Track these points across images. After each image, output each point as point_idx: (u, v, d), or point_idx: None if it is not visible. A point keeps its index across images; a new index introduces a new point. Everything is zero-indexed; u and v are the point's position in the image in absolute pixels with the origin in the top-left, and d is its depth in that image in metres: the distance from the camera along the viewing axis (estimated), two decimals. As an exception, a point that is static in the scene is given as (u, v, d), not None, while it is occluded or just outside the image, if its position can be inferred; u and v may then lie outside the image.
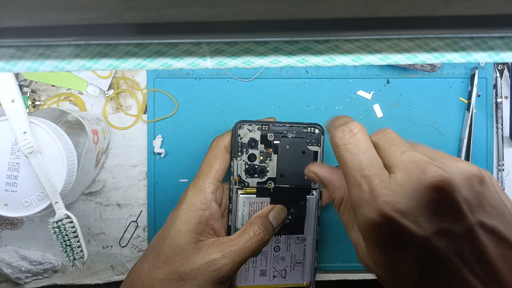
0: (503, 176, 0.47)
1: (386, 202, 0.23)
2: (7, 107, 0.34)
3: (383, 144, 0.26)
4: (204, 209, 0.36)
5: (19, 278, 0.45)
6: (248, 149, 0.39)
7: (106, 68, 0.22)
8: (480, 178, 0.23)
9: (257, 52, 0.22)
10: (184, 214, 0.35)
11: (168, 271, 0.33)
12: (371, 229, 0.24)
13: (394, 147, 0.26)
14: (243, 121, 0.39)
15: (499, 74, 0.46)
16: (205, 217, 0.36)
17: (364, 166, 0.25)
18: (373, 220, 0.23)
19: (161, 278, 0.33)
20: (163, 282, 0.33)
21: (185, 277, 0.33)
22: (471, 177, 0.23)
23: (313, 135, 0.39)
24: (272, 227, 0.37)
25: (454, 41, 0.22)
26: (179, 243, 0.34)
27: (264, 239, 0.36)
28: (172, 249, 0.34)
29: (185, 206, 0.36)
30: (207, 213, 0.36)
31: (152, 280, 0.34)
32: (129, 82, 0.46)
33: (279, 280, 0.42)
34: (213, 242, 0.35)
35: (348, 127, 0.27)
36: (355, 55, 0.22)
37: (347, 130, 0.27)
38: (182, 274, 0.33)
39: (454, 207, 0.22)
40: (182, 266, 0.33)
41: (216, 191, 0.37)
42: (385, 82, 0.46)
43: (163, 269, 0.34)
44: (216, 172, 0.38)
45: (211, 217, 0.36)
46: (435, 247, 0.22)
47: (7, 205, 0.36)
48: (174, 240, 0.34)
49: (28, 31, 0.19)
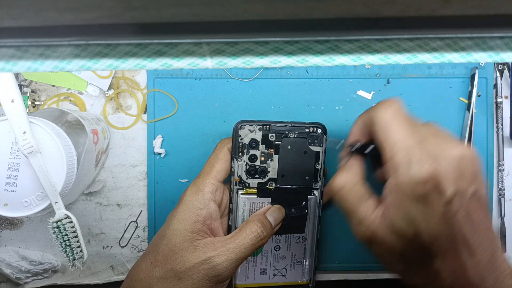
0: (503, 176, 0.47)
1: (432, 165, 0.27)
2: (7, 107, 0.34)
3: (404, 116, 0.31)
4: (202, 208, 0.36)
5: (19, 278, 0.45)
6: (249, 150, 0.38)
7: (106, 68, 0.22)
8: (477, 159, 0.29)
9: (257, 52, 0.22)
10: (182, 213, 0.36)
11: (165, 269, 0.34)
12: (417, 185, 0.28)
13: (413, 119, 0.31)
14: (244, 121, 0.38)
15: (499, 74, 0.46)
16: (202, 216, 0.36)
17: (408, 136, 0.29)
18: (421, 177, 0.27)
19: (158, 276, 0.34)
20: (160, 281, 0.34)
21: (181, 275, 0.33)
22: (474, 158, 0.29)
23: (315, 135, 0.39)
24: (270, 225, 0.37)
25: (454, 41, 0.22)
26: (175, 241, 0.34)
27: (262, 236, 0.36)
28: (169, 248, 0.34)
29: (183, 205, 0.36)
30: (204, 212, 0.36)
31: (149, 279, 0.34)
32: (129, 82, 0.46)
33: (279, 278, 0.42)
34: (209, 241, 0.35)
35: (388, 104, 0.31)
36: (355, 55, 0.22)
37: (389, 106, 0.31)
38: (178, 273, 0.33)
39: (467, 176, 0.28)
40: (178, 265, 0.33)
41: (216, 191, 0.37)
42: (385, 82, 0.46)
43: (160, 267, 0.34)
44: (217, 172, 0.38)
45: (209, 216, 0.36)
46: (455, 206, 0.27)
47: (7, 205, 0.36)
48: (171, 239, 0.35)
49: (28, 31, 0.19)
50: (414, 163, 0.28)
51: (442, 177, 0.27)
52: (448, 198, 0.27)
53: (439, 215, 0.28)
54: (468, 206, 0.28)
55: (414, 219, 0.28)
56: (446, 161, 0.28)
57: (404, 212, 0.29)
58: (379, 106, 0.32)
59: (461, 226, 0.28)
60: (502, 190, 0.47)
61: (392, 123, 0.30)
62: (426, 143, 0.29)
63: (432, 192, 0.27)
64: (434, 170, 0.27)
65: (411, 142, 0.29)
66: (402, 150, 0.29)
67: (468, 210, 0.28)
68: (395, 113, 0.31)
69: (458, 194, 0.28)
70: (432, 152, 0.28)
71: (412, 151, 0.28)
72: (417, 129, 0.30)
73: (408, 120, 0.31)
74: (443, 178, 0.27)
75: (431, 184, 0.27)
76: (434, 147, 0.28)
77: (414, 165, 0.28)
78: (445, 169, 0.27)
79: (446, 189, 0.27)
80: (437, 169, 0.27)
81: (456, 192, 0.27)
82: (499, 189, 0.47)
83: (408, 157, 0.28)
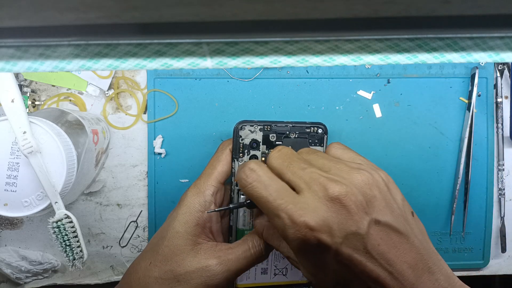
0: (503, 176, 0.47)
1: (304, 222, 0.27)
2: (7, 107, 0.34)
3: (281, 167, 0.31)
4: (202, 211, 0.36)
5: (19, 278, 0.45)
6: (250, 150, 0.38)
7: (106, 68, 0.22)
8: (371, 184, 0.28)
9: (257, 52, 0.22)
10: (183, 216, 0.35)
11: (164, 270, 0.34)
12: (300, 246, 0.28)
13: (292, 166, 0.30)
14: (245, 122, 0.38)
15: (499, 74, 0.46)
16: (203, 219, 0.35)
17: (275, 197, 0.29)
18: (299, 239, 0.27)
19: (157, 276, 0.34)
20: (158, 281, 0.34)
21: (180, 278, 0.33)
22: (364, 186, 0.28)
23: (316, 135, 0.39)
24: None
25: (454, 41, 0.22)
26: (177, 244, 0.34)
27: (264, 251, 0.35)
28: (170, 249, 0.34)
29: (184, 207, 0.36)
30: (205, 215, 0.36)
31: (148, 278, 0.34)
32: (129, 82, 0.46)
33: (280, 278, 0.42)
34: (211, 247, 0.35)
35: (247, 166, 0.31)
36: (355, 55, 0.22)
37: (247, 169, 0.31)
38: (177, 275, 0.33)
39: (354, 213, 0.27)
40: (178, 267, 0.33)
41: (217, 193, 0.37)
42: (385, 82, 0.46)
43: (160, 268, 0.34)
44: (218, 174, 0.37)
45: (209, 219, 0.36)
46: (345, 253, 0.27)
47: (7, 205, 0.36)
48: (172, 241, 0.35)
49: (28, 31, 0.19)
50: (287, 227, 0.28)
51: (320, 228, 0.27)
52: (334, 247, 0.27)
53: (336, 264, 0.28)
54: (369, 242, 0.27)
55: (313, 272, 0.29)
56: (321, 208, 0.27)
57: (304, 266, 0.29)
58: (240, 171, 0.31)
59: (365, 268, 0.27)
60: (502, 190, 0.47)
61: (251, 187, 0.30)
62: (303, 193, 0.28)
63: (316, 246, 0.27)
64: (309, 223, 0.27)
65: (279, 202, 0.28)
66: (274, 215, 0.29)
67: (371, 246, 0.27)
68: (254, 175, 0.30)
69: (349, 237, 0.27)
70: (306, 202, 0.28)
71: (282, 213, 0.28)
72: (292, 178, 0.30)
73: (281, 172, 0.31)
74: (322, 228, 0.27)
75: (311, 239, 0.27)
76: (309, 196, 0.28)
77: (288, 228, 0.27)
78: (322, 217, 0.27)
79: (326, 239, 0.27)
80: (312, 221, 0.27)
81: (345, 235, 0.27)
82: (499, 189, 0.47)
83: (281, 220, 0.28)
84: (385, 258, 0.27)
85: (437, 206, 0.47)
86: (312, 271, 0.29)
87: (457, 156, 0.46)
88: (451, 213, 0.46)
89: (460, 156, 0.46)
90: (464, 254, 0.47)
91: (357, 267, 0.27)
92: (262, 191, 0.29)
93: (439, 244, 0.47)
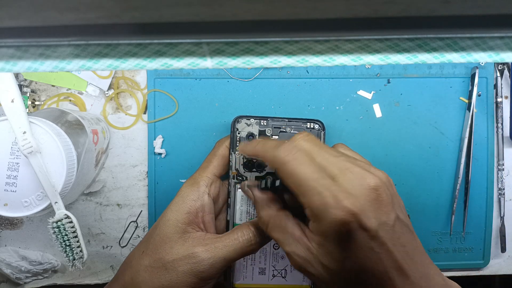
0: (503, 176, 0.47)
1: (347, 204, 0.27)
2: (6, 107, 0.34)
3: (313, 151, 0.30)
4: (195, 200, 0.36)
5: (19, 278, 0.45)
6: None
7: (106, 68, 0.22)
8: (391, 182, 0.30)
9: (257, 52, 0.22)
10: (175, 204, 0.36)
11: (154, 259, 0.34)
12: (338, 227, 0.27)
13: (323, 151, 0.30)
14: (242, 116, 0.39)
15: (499, 74, 0.46)
16: (195, 207, 0.36)
17: (319, 176, 0.29)
18: (340, 221, 0.27)
19: (147, 265, 0.34)
20: (147, 269, 0.34)
21: (168, 266, 0.34)
22: (387, 182, 0.29)
23: (312, 131, 0.39)
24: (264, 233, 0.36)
25: (454, 41, 0.22)
26: (167, 232, 0.35)
27: (253, 241, 0.35)
28: (160, 237, 0.35)
29: (178, 197, 0.37)
30: (197, 204, 0.36)
31: (139, 266, 0.35)
32: (129, 82, 0.46)
33: (279, 280, 0.42)
34: (199, 235, 0.35)
35: (291, 143, 0.31)
36: (355, 55, 0.22)
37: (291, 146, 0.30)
38: (165, 263, 0.34)
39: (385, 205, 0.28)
40: (167, 255, 0.34)
41: (211, 185, 0.38)
42: (385, 82, 0.46)
43: (150, 256, 0.35)
44: (214, 167, 0.38)
45: (201, 208, 0.36)
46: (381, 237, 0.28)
47: (7, 205, 0.36)
48: (163, 229, 0.35)
49: (28, 31, 0.19)
50: (330, 206, 0.27)
51: (362, 213, 0.27)
52: (373, 232, 0.27)
53: (367, 249, 0.28)
54: (394, 233, 0.28)
55: (338, 258, 0.28)
56: (361, 195, 0.27)
57: (328, 252, 0.29)
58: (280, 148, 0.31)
59: (391, 254, 0.28)
60: (502, 190, 0.47)
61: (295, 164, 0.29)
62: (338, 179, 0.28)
63: (355, 230, 0.27)
64: (352, 207, 0.27)
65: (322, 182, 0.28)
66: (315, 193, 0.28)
67: (394, 237, 0.28)
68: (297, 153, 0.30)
69: (381, 225, 0.28)
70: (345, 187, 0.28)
71: (325, 192, 0.28)
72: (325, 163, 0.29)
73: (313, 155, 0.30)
74: (363, 213, 0.27)
75: (352, 222, 0.27)
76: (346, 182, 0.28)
77: (331, 208, 0.27)
78: (362, 204, 0.27)
79: (368, 223, 0.27)
80: (355, 205, 0.27)
81: (379, 223, 0.27)
82: (499, 189, 0.47)
83: (323, 200, 0.28)
84: (405, 250, 0.29)
85: (437, 206, 0.47)
86: (338, 258, 0.29)
87: (457, 156, 0.46)
88: (451, 213, 0.46)
89: (460, 156, 0.46)
90: (464, 254, 0.47)
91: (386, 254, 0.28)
92: (306, 168, 0.29)
93: (439, 244, 0.47)
